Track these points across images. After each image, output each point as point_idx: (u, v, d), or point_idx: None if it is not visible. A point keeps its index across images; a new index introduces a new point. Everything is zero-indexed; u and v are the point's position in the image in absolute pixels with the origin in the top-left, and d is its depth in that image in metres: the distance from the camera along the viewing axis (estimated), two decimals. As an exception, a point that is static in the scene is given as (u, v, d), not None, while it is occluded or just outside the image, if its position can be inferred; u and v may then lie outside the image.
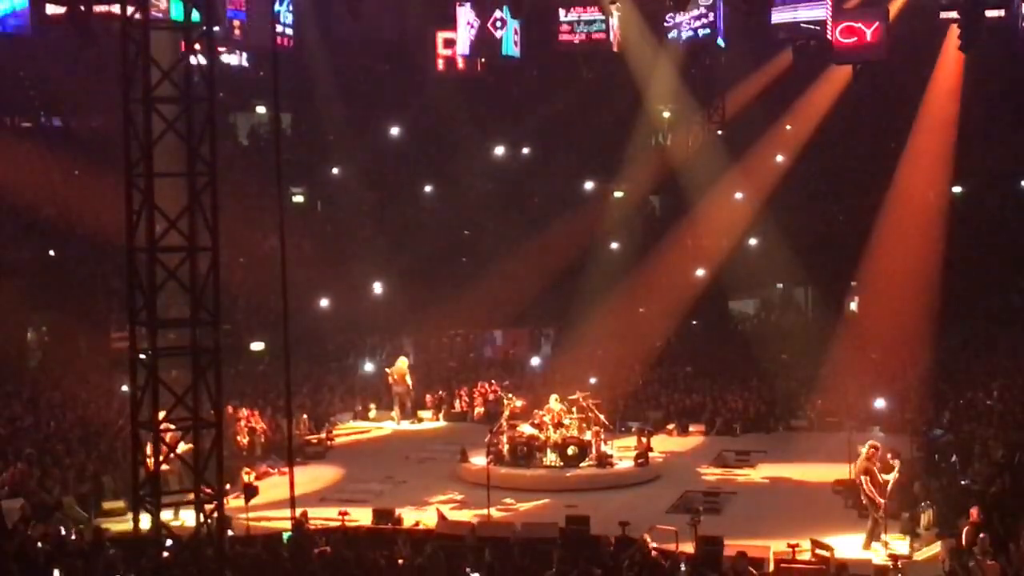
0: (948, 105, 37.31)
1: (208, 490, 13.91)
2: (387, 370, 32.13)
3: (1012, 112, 38.17)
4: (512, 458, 24.99)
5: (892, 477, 19.88)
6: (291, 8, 39.48)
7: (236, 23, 38.20)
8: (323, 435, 29.06)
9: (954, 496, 20.53)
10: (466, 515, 21.64)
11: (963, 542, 17.18)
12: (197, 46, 13.89)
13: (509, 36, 39.41)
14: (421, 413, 32.13)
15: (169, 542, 14.12)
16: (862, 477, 19.99)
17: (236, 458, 24.33)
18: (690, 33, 37.64)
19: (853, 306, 39.04)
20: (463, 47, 39.00)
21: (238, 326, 32.22)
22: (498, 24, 38.97)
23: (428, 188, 42.93)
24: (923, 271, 34.82)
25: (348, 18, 34.87)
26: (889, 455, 20.58)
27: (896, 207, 37.34)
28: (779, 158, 39.16)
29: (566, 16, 40.38)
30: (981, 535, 16.79)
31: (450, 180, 42.74)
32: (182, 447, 15.79)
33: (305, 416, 29.27)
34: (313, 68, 40.49)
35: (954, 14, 32.82)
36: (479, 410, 31.61)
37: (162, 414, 14.29)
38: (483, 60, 40.67)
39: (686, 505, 22.35)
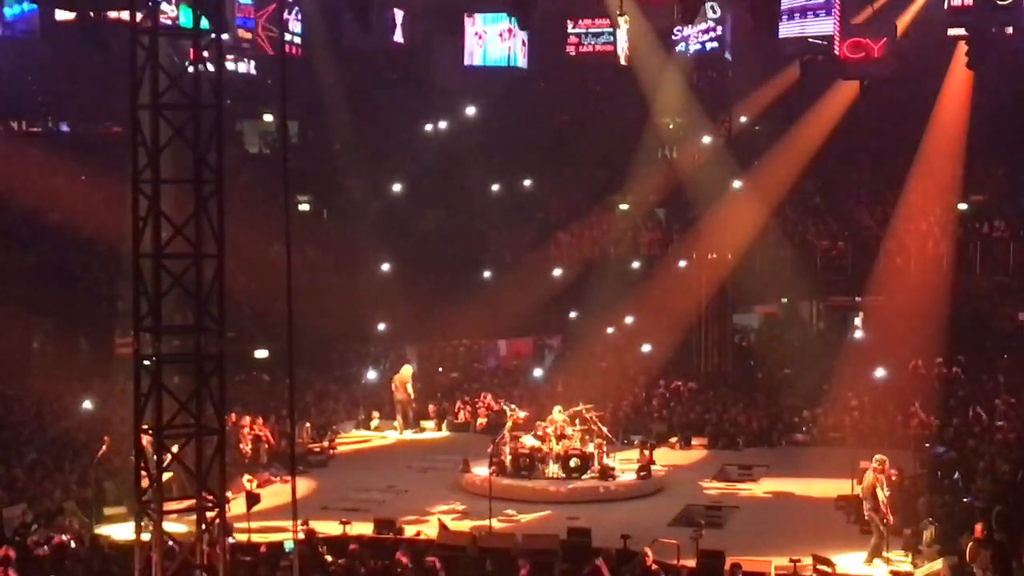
0: (956, 121, 37.19)
1: (210, 497, 13.89)
2: (394, 378, 32.12)
3: (1020, 129, 38.06)
4: (514, 469, 24.96)
5: (885, 493, 19.74)
6: (300, 17, 39.68)
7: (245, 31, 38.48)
8: (326, 444, 29.05)
9: (957, 513, 20.48)
10: (467, 526, 21.62)
11: (966, 559, 17.14)
12: (205, 53, 13.90)
13: (517, 47, 39.59)
14: (423, 423, 32.09)
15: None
16: (878, 490, 19.79)
17: (239, 466, 24.31)
18: (698, 46, 37.77)
19: (858, 321, 38.95)
20: (470, 58, 39.17)
21: (243, 333, 32.22)
22: (506, 35, 39.16)
23: (434, 198, 42.90)
24: (929, 287, 34.69)
25: (356, 27, 34.99)
26: (892, 472, 20.53)
27: (903, 222, 37.27)
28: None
29: (574, 28, 40.55)
30: (983, 552, 16.76)
31: (457, 190, 42.73)
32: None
33: (308, 424, 29.29)
34: (321, 77, 40.53)
35: (962, 31, 32.81)
36: (482, 421, 31.55)
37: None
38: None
39: (688, 519, 22.33)
